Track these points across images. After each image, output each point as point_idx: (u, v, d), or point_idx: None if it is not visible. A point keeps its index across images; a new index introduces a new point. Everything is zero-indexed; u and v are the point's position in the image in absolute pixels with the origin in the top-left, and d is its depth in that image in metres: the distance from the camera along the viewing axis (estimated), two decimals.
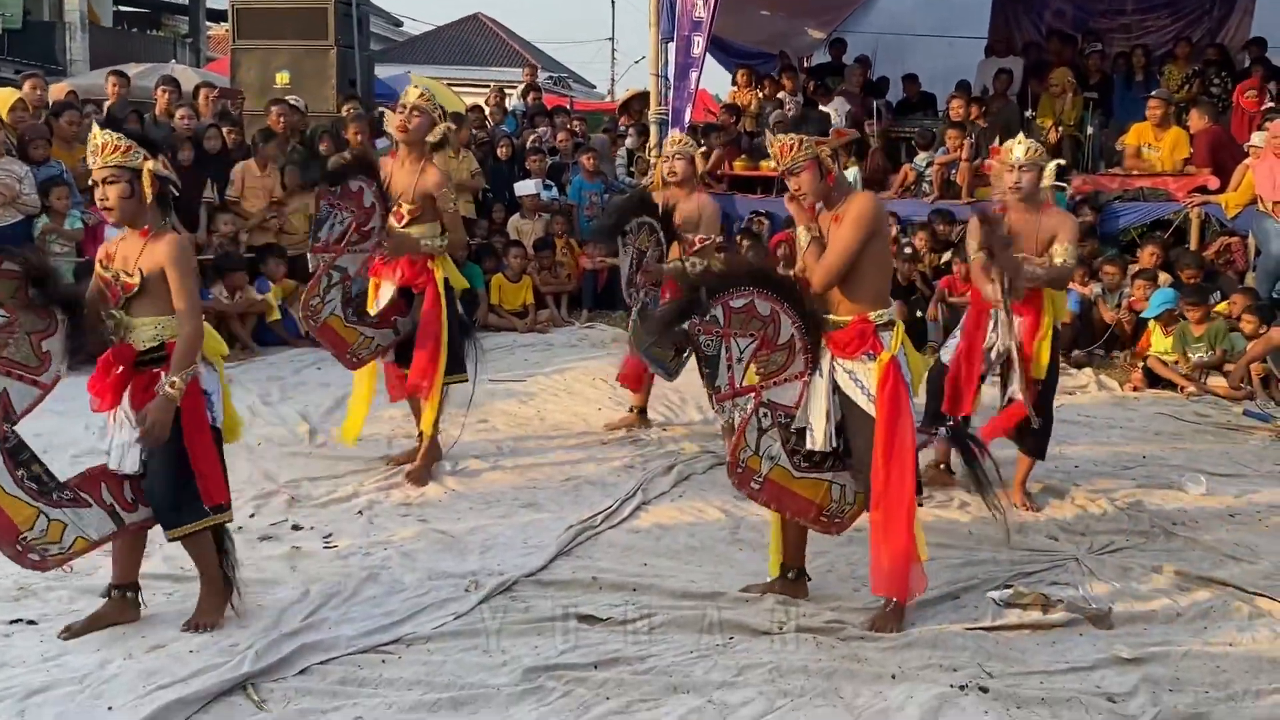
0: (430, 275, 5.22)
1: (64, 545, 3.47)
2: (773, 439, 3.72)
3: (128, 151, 3.48)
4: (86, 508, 3.51)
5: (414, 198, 5.16)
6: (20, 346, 3.37)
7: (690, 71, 11.48)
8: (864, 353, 3.69)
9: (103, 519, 3.54)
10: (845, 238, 3.66)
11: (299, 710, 3.20)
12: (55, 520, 3.43)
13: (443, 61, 29.86)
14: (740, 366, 3.64)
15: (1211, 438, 6.57)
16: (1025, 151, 4.88)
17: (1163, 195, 9.69)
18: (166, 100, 9.70)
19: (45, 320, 3.42)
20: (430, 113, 5.19)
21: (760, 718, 3.23)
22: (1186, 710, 3.31)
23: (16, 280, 3.35)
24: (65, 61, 22.58)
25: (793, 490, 3.78)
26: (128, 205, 3.49)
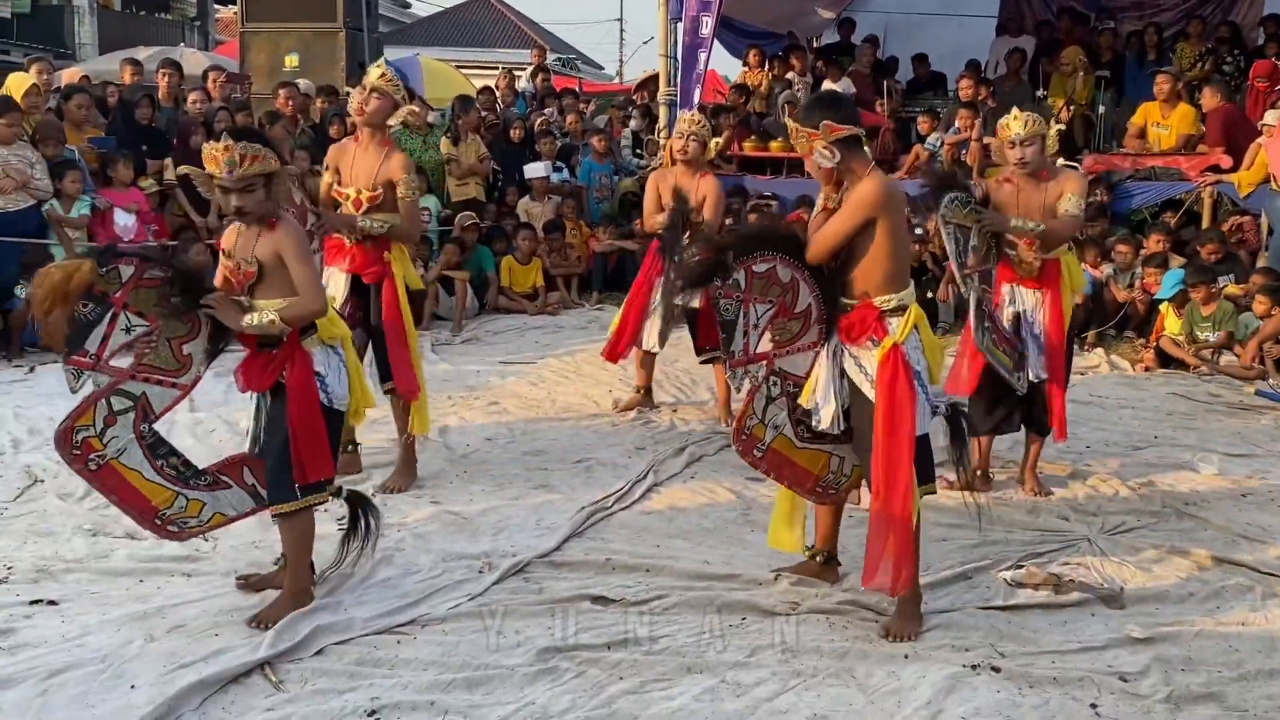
0: (387, 270, 4.94)
1: (202, 519, 3.66)
2: (780, 408, 3.70)
3: (264, 159, 3.51)
4: (226, 489, 3.69)
5: (375, 184, 4.88)
6: (160, 352, 3.50)
7: (699, 52, 11.44)
8: (868, 338, 3.60)
9: (242, 498, 3.72)
10: (840, 219, 3.57)
11: (316, 691, 3.24)
12: (193, 499, 3.62)
13: (450, 43, 29.79)
14: (756, 333, 3.59)
15: (1223, 418, 6.56)
16: (1024, 125, 4.79)
17: (1175, 175, 9.65)
18: (168, 84, 9.70)
19: (188, 324, 3.52)
20: (392, 95, 4.94)
21: (774, 698, 3.25)
22: (1199, 690, 3.32)
23: (158, 288, 3.45)
24: (74, 45, 22.62)
25: (793, 460, 3.77)
26: (263, 207, 3.55)
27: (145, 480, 3.52)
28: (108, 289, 3.41)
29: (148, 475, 3.52)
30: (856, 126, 3.58)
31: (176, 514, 3.60)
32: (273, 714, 3.11)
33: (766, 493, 5.01)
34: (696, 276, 3.56)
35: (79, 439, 3.42)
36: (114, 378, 3.45)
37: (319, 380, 3.65)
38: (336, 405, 3.71)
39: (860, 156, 3.61)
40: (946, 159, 10.37)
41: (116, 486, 3.49)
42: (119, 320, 3.43)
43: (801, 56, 12.70)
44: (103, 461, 3.45)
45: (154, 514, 3.56)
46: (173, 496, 3.58)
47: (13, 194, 7.58)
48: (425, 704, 3.16)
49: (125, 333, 3.44)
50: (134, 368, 3.47)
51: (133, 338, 3.46)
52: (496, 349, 8.06)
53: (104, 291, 3.41)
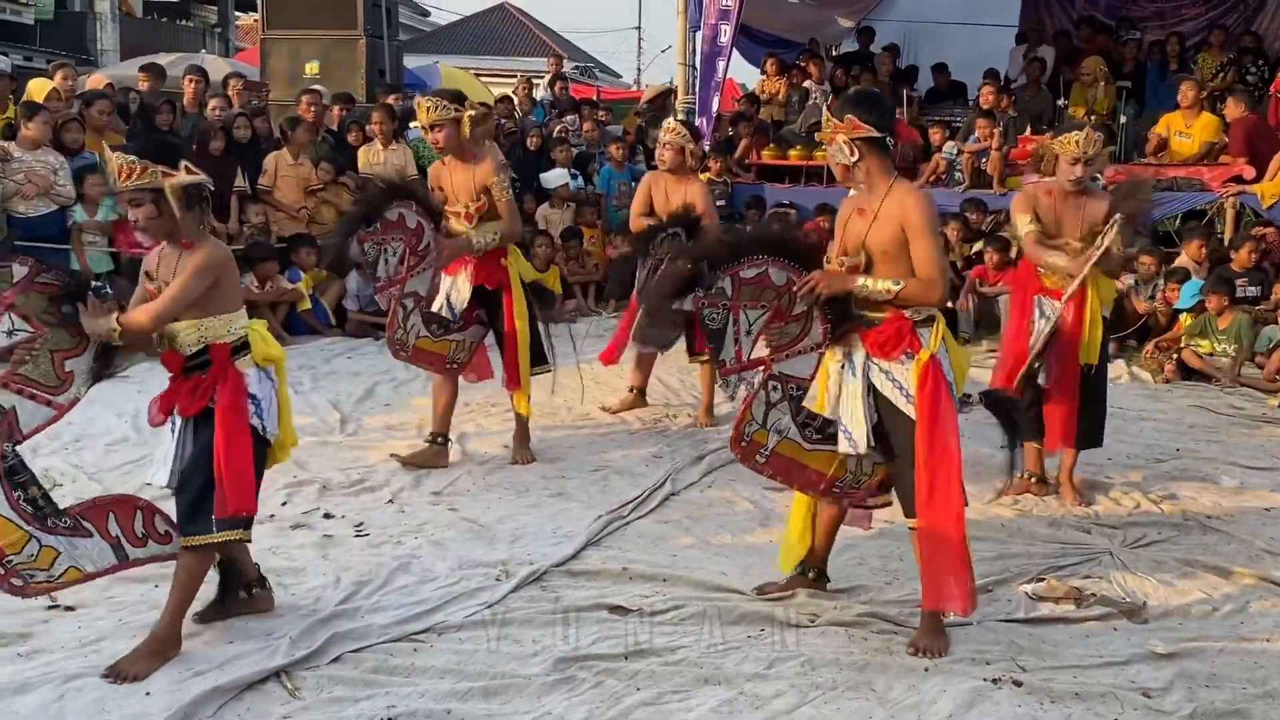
0: (505, 274, 5.29)
1: (53, 574, 3.24)
2: (782, 412, 3.60)
3: (144, 172, 3.29)
4: (86, 538, 3.31)
5: (476, 194, 5.22)
6: (40, 364, 3.22)
7: (718, 60, 11.45)
8: (903, 351, 3.51)
9: (103, 551, 3.34)
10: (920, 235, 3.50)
11: (332, 698, 3.23)
12: (47, 546, 3.22)
13: (469, 51, 29.93)
14: (749, 339, 3.48)
15: (1246, 431, 6.50)
16: (1092, 145, 4.80)
17: (1197, 185, 9.59)
18: (194, 90, 9.76)
19: (74, 339, 3.28)
20: (448, 117, 5.14)
21: (792, 710, 3.22)
22: (1224, 707, 3.28)
23: (51, 293, 3.25)
24: (96, 52, 22.80)
25: (803, 463, 3.65)
26: (158, 224, 3.36)
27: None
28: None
29: (1, 510, 3.13)
30: (882, 131, 3.53)
31: (25, 563, 3.17)
32: None
33: (786, 502, 4.95)
34: (675, 288, 3.44)
35: None
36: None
37: (253, 403, 3.44)
38: (268, 434, 3.50)
39: (881, 162, 3.56)
40: (966, 168, 10.34)
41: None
42: (2, 322, 3.16)
43: (820, 65, 12.69)
44: None
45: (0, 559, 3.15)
46: (24, 539, 3.15)
47: (35, 199, 7.63)
48: (441, 712, 3.14)
49: (6, 336, 3.16)
50: (8, 375, 3.17)
51: (12, 343, 3.17)
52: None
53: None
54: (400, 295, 5.14)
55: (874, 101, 3.66)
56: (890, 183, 3.56)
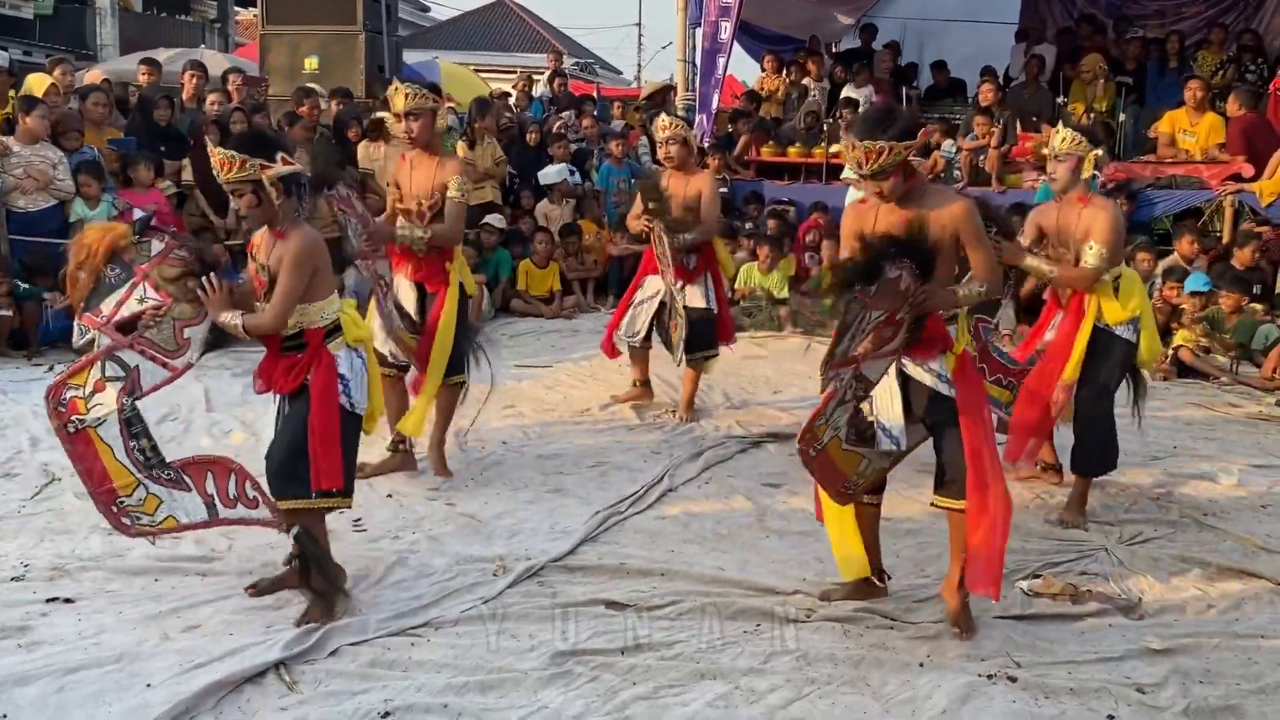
0: (445, 279, 5.10)
1: (155, 519, 3.61)
2: (844, 410, 3.58)
3: (244, 165, 3.53)
4: (185, 491, 3.64)
5: (432, 192, 5.06)
6: (163, 330, 3.57)
7: (718, 57, 11.47)
8: (939, 349, 3.60)
9: (197, 506, 3.66)
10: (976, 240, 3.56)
11: (329, 692, 3.24)
12: (153, 494, 3.58)
13: (469, 47, 29.89)
14: (860, 338, 3.44)
15: (1243, 428, 6.51)
16: (1060, 142, 4.73)
17: (1196, 183, 9.60)
18: (194, 85, 9.76)
19: (196, 309, 3.61)
20: (425, 109, 5.02)
21: (787, 705, 3.24)
22: (1218, 702, 3.29)
23: (181, 268, 3.57)
24: (95, 46, 22.76)
25: (835, 461, 3.62)
26: (258, 212, 3.60)
27: (114, 460, 3.52)
28: (136, 258, 3.52)
29: (118, 454, 3.52)
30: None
31: (134, 505, 3.57)
32: (287, 714, 3.11)
33: (782, 499, 5.00)
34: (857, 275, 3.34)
35: (66, 397, 3.47)
36: (115, 342, 3.52)
37: (342, 383, 3.67)
38: (357, 409, 3.73)
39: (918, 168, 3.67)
40: (965, 166, 10.34)
41: (87, 456, 3.51)
42: (137, 290, 3.53)
43: (819, 62, 12.69)
44: (82, 425, 3.48)
45: (114, 498, 3.55)
46: (134, 484, 3.56)
47: (34, 194, 7.63)
48: (438, 706, 3.16)
49: (138, 303, 3.53)
50: (136, 338, 3.54)
51: (143, 309, 3.54)
52: (512, 352, 8.05)
53: (131, 260, 3.52)
54: (375, 274, 5.01)
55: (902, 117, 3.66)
56: (924, 185, 3.63)
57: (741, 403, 6.74)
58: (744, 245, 9.82)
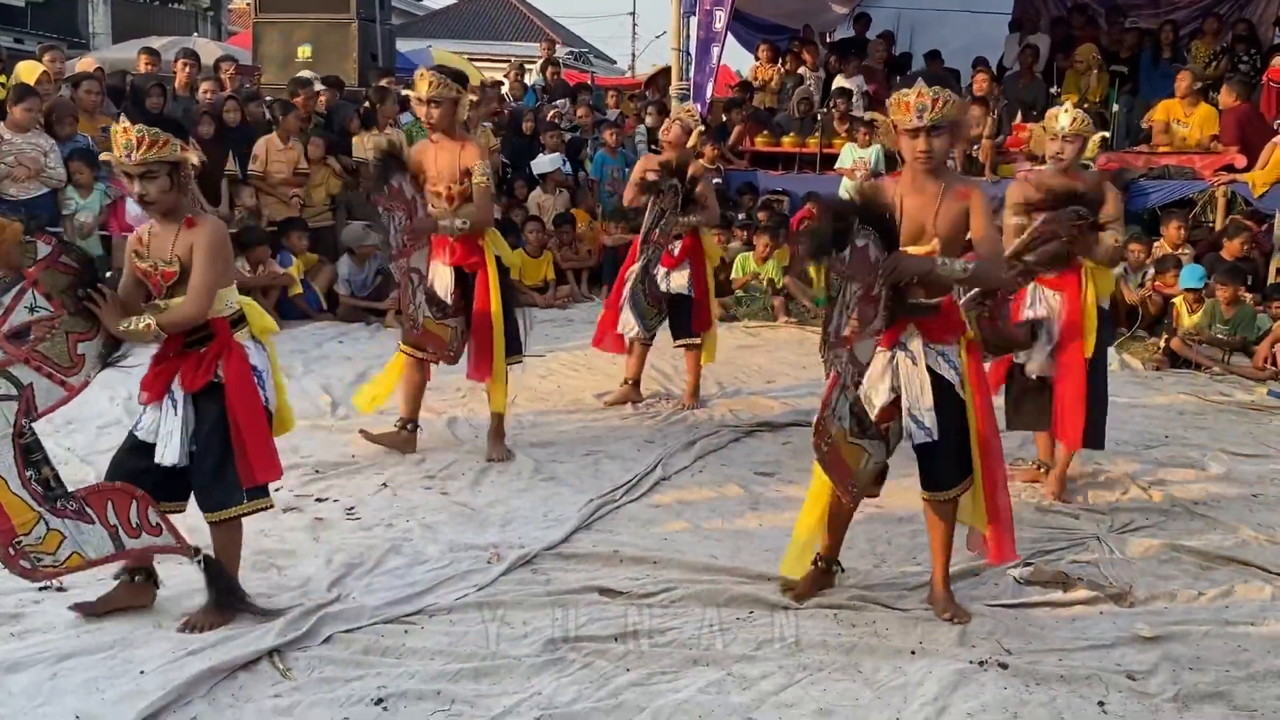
0: (482, 257, 5.22)
1: (58, 558, 3.24)
2: (846, 398, 3.51)
3: (165, 145, 3.36)
4: (90, 524, 3.30)
5: (459, 177, 5.15)
6: (56, 344, 3.26)
7: (712, 46, 11.45)
8: (956, 336, 3.60)
9: (103, 539, 3.33)
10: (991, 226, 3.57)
11: (323, 678, 3.24)
12: (54, 530, 3.23)
13: (463, 36, 29.81)
14: (845, 315, 3.36)
15: (1235, 418, 6.53)
16: (1071, 121, 4.73)
17: (1189, 173, 9.62)
18: (187, 74, 9.73)
19: (88, 323, 3.33)
20: (448, 96, 5.06)
21: (779, 691, 3.25)
22: (1208, 689, 3.31)
23: (71, 276, 3.27)
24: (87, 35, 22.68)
25: (841, 455, 3.57)
26: (168, 198, 3.41)
27: (9, 493, 3.13)
28: (21, 260, 3.18)
29: (13, 486, 3.14)
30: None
31: (33, 545, 3.18)
32: (281, 701, 3.12)
33: (775, 487, 5.02)
34: (823, 241, 3.28)
35: None
36: (6, 355, 3.17)
37: (256, 375, 3.50)
38: (270, 406, 3.55)
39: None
40: (959, 156, 10.35)
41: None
42: (25, 297, 3.19)
43: (814, 51, 12.68)
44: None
45: (10, 538, 3.14)
46: (34, 520, 3.17)
47: (26, 182, 7.61)
48: (432, 693, 3.16)
49: (29, 311, 3.20)
50: (29, 351, 3.20)
51: (34, 319, 3.21)
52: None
53: (18, 262, 3.18)
54: (408, 268, 5.08)
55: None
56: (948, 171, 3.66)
57: (735, 392, 6.75)
58: (738, 235, 9.82)
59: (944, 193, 3.54)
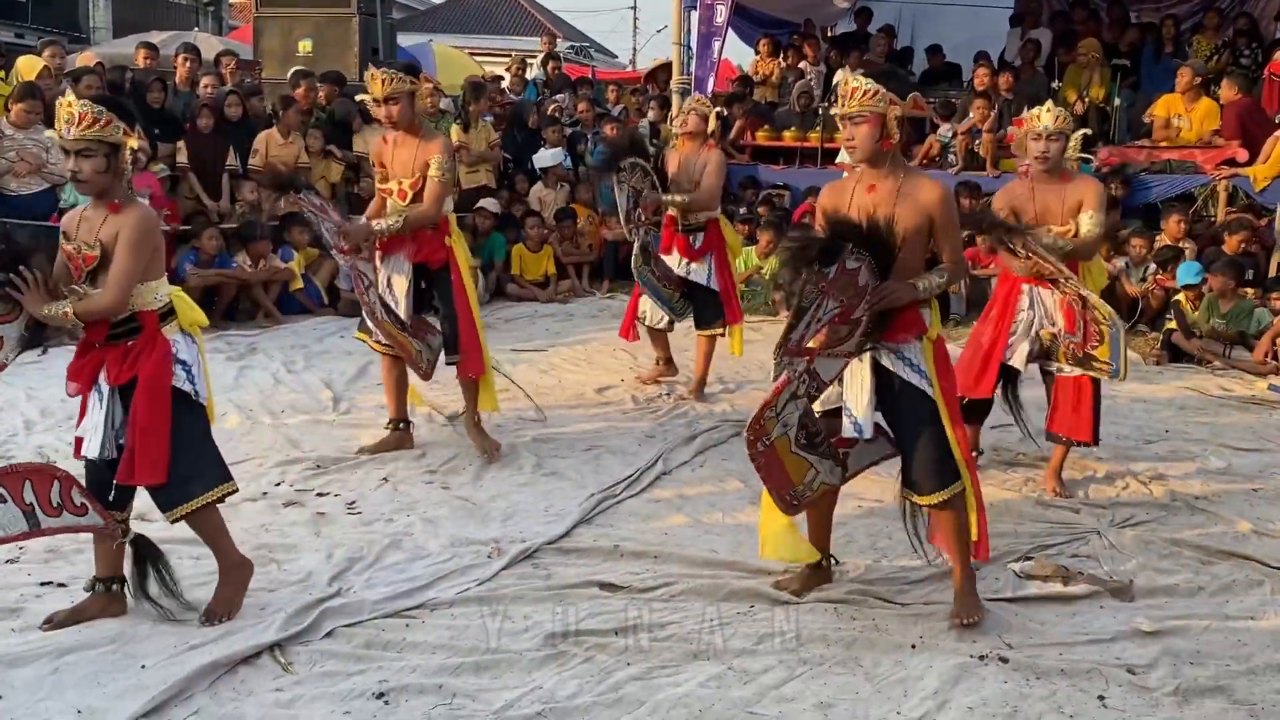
0: (450, 253, 5.08)
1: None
2: (797, 408, 3.51)
3: (107, 125, 3.30)
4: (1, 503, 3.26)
5: (414, 172, 4.99)
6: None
7: (713, 41, 11.43)
8: (915, 335, 3.52)
9: (15, 517, 3.27)
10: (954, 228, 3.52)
11: (324, 673, 3.25)
12: None
13: (463, 30, 29.74)
14: (814, 328, 3.35)
15: (1235, 412, 6.53)
16: (1054, 120, 4.74)
17: (1190, 168, 9.61)
18: (187, 69, 9.73)
19: (7, 306, 3.23)
20: (402, 92, 4.93)
21: (780, 685, 3.25)
22: (1208, 683, 3.32)
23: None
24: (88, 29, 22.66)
25: (783, 463, 3.55)
26: (102, 179, 3.33)
27: None
28: None
29: None
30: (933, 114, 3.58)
31: None
32: (282, 695, 3.12)
33: None
34: (812, 253, 3.25)
35: None
36: None
37: (184, 369, 3.43)
38: (200, 398, 3.48)
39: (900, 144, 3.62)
40: (960, 150, 10.34)
41: None
42: None
43: (815, 46, 12.66)
44: None
45: None
46: None
47: (27, 177, 7.61)
48: (433, 687, 3.17)
49: None
50: None
51: None
52: (507, 336, 8.06)
53: None
54: (357, 270, 4.94)
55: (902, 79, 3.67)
56: (905, 168, 3.59)
57: (736, 386, 6.75)
58: (740, 230, 9.80)
59: (900, 198, 3.48)
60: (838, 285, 3.32)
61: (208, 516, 3.56)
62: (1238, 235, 8.41)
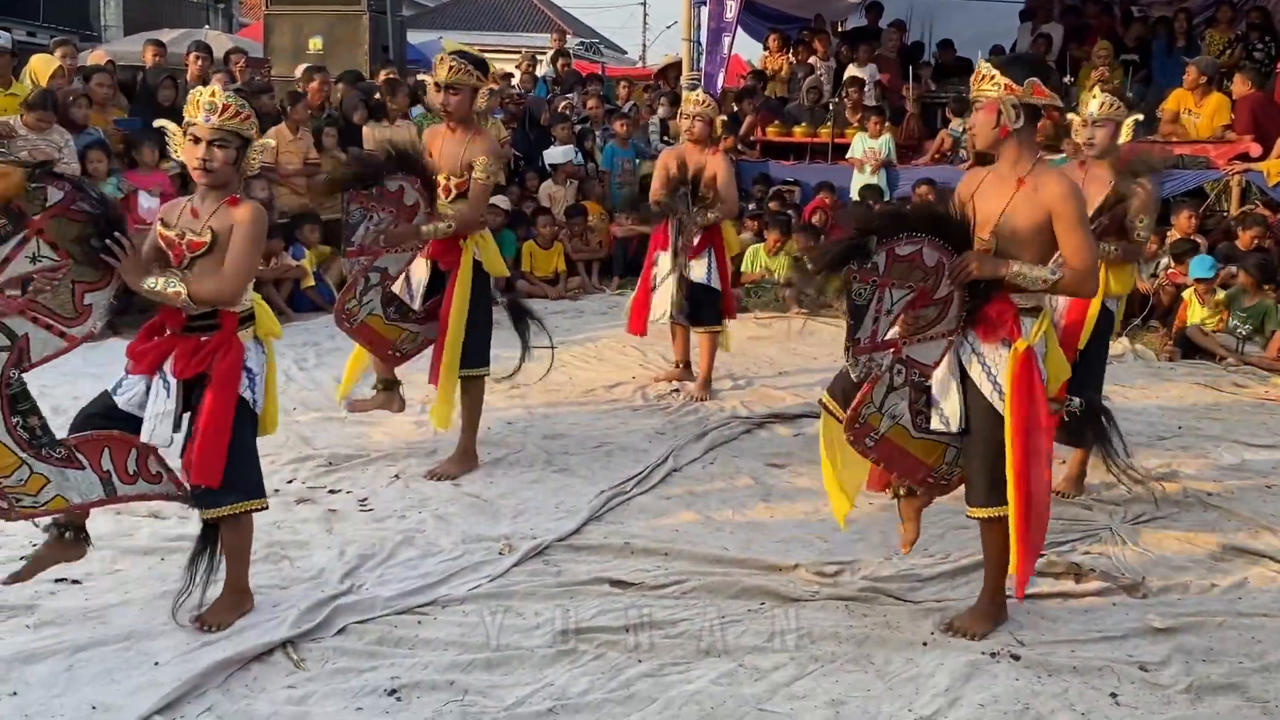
0: (458, 258, 4.90)
1: (39, 500, 3.22)
2: (900, 397, 3.40)
3: (246, 119, 3.35)
4: (78, 469, 3.26)
5: (460, 170, 4.92)
6: (59, 294, 3.15)
7: (723, 36, 11.43)
8: (1002, 338, 3.35)
9: (92, 484, 3.29)
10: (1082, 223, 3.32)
11: (337, 669, 3.26)
12: (38, 474, 3.19)
13: (473, 27, 29.76)
14: (887, 319, 3.26)
15: (1248, 409, 6.50)
16: (1100, 106, 4.60)
17: (1203, 163, 9.56)
18: (199, 66, 9.75)
19: (99, 273, 3.21)
20: (468, 83, 4.84)
21: (791, 682, 3.25)
22: (1221, 680, 3.30)
23: (84, 224, 3.16)
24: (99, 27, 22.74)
25: (907, 450, 3.46)
26: (227, 171, 3.35)
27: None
28: (27, 208, 3.06)
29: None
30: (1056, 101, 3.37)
31: (13, 486, 3.16)
32: (295, 692, 3.13)
33: (786, 479, 5.02)
34: (835, 257, 3.21)
35: None
36: (2, 307, 3.08)
37: (249, 377, 3.41)
38: (257, 408, 3.46)
39: (1033, 137, 3.42)
40: (971, 145, 10.30)
41: None
42: (28, 246, 3.08)
43: (825, 41, 12.63)
44: None
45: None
46: (16, 464, 3.14)
47: None
48: (445, 683, 3.18)
49: (30, 261, 3.09)
50: (27, 302, 3.10)
51: (35, 269, 3.10)
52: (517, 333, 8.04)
53: (21, 209, 3.05)
54: (368, 267, 4.88)
55: (1048, 70, 3.47)
56: (1034, 161, 3.41)
57: (746, 383, 6.74)
58: (749, 227, 9.80)
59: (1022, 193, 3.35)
60: (895, 273, 3.23)
61: (239, 528, 3.51)
62: (1251, 230, 8.37)
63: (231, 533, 3.50)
